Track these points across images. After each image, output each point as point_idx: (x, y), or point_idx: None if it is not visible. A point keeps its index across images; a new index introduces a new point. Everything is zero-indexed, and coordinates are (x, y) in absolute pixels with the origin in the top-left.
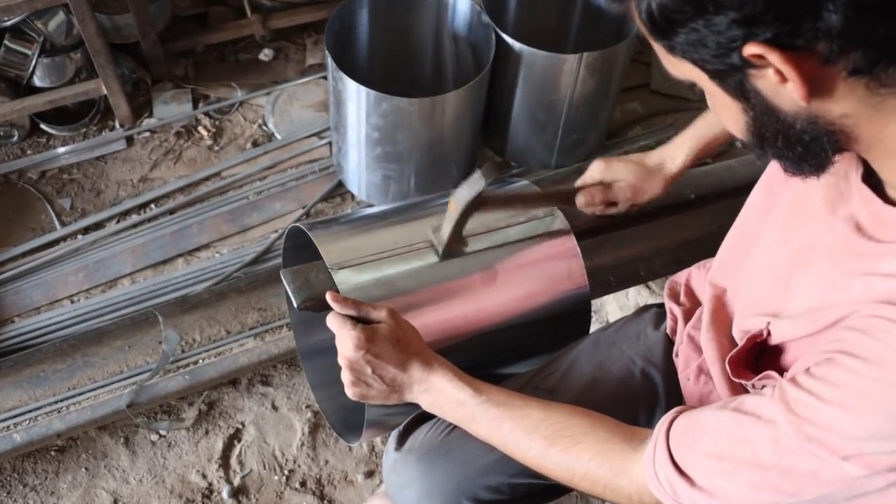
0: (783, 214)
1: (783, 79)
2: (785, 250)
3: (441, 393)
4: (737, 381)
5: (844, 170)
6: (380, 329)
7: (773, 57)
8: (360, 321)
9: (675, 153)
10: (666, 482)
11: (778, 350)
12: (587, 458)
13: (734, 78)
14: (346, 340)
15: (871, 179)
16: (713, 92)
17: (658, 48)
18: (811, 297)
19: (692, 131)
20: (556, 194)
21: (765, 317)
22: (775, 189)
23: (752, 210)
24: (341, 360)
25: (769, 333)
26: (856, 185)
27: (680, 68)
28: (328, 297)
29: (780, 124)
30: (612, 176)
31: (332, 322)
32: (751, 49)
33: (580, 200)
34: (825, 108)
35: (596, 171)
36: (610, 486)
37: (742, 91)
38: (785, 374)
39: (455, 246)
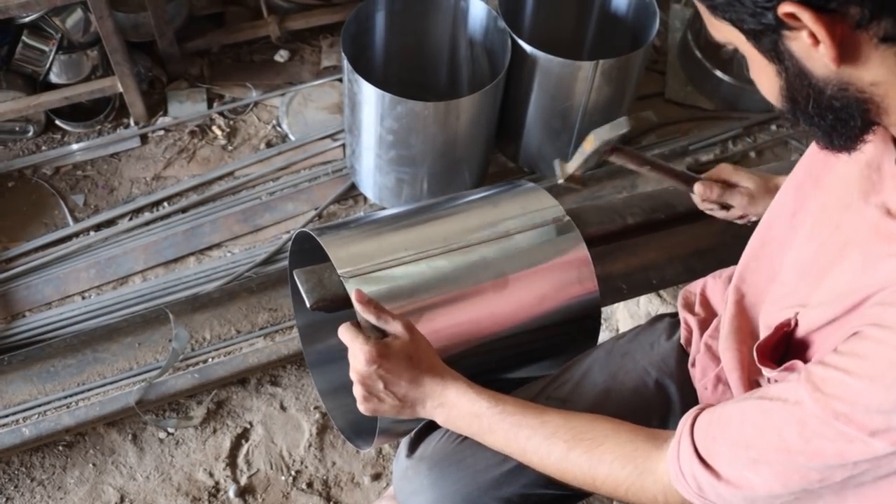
0: (812, 214)
1: (815, 41)
2: (811, 245)
3: (455, 407)
4: (761, 367)
5: (878, 161)
6: (393, 344)
7: (806, 17)
8: (375, 330)
9: None
10: (690, 477)
11: (804, 344)
12: (610, 459)
13: (769, 38)
14: (358, 355)
15: None
16: (751, 55)
17: (702, 9)
18: (840, 284)
19: None
20: (680, 174)
21: (793, 308)
22: (805, 191)
23: (777, 213)
24: (353, 375)
25: (797, 324)
26: (888, 171)
27: (721, 31)
28: (353, 297)
29: (811, 89)
30: (735, 179)
31: (345, 335)
32: (785, 8)
33: (698, 188)
34: (856, 74)
35: (723, 170)
36: (633, 487)
37: (776, 53)
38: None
39: (577, 177)
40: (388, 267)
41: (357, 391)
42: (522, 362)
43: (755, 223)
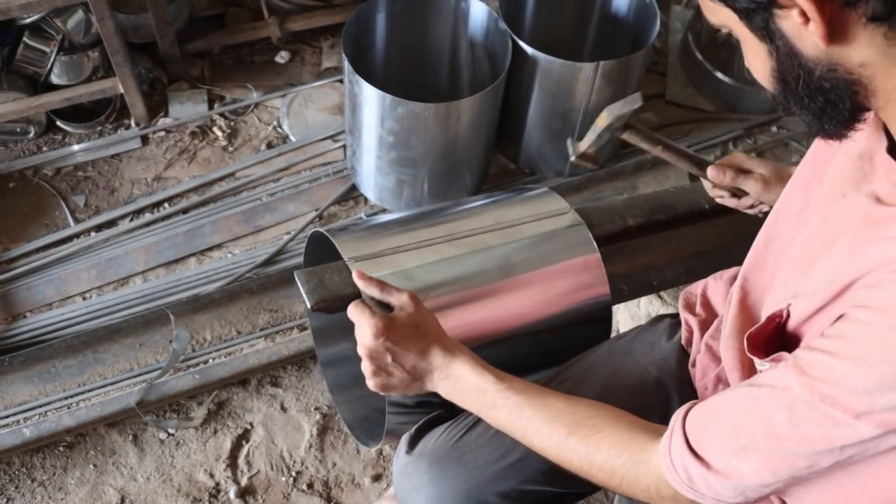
0: (813, 210)
1: (805, 20)
2: (802, 235)
3: (461, 380)
4: (750, 356)
5: (871, 152)
6: (398, 317)
7: None
8: (381, 305)
9: None
10: (681, 468)
11: (795, 337)
12: (606, 447)
13: (761, 17)
14: (365, 329)
15: (895, 152)
16: (743, 36)
17: None
18: (828, 273)
19: None
20: (692, 157)
21: (786, 299)
22: (811, 191)
23: (783, 213)
24: (361, 350)
25: (789, 315)
26: (880, 160)
27: (715, 12)
28: (354, 275)
29: (801, 69)
30: (750, 166)
31: (352, 312)
32: None
33: (710, 172)
34: (845, 55)
35: (737, 156)
36: (627, 476)
37: (768, 32)
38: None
39: (590, 155)
40: (395, 254)
41: (365, 367)
42: (529, 364)
43: (761, 221)
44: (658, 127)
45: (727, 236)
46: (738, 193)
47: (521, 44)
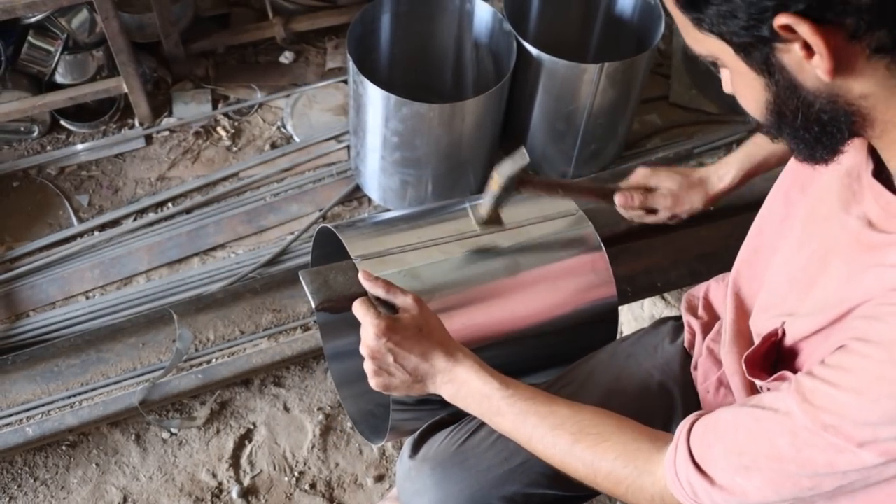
0: (800, 221)
1: (809, 54)
2: (801, 254)
3: (465, 385)
4: (751, 379)
5: (857, 171)
6: (402, 318)
7: (803, 28)
8: (386, 305)
9: (724, 171)
10: (686, 482)
11: (792, 352)
12: (612, 456)
13: (760, 52)
14: (368, 328)
15: (882, 175)
16: (737, 68)
17: (684, 22)
18: (826, 295)
19: (743, 151)
20: (596, 189)
21: (780, 317)
22: (792, 198)
23: (768, 220)
24: (363, 349)
25: (784, 333)
26: (867, 182)
27: (704, 44)
28: (360, 275)
29: (800, 101)
30: (655, 182)
31: (357, 309)
32: (781, 20)
33: (618, 200)
34: (846, 86)
35: (640, 175)
36: (633, 486)
37: (767, 66)
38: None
39: (494, 217)
40: (402, 253)
41: (367, 366)
42: (534, 367)
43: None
44: (662, 129)
45: (731, 238)
46: (653, 210)
47: (526, 45)
